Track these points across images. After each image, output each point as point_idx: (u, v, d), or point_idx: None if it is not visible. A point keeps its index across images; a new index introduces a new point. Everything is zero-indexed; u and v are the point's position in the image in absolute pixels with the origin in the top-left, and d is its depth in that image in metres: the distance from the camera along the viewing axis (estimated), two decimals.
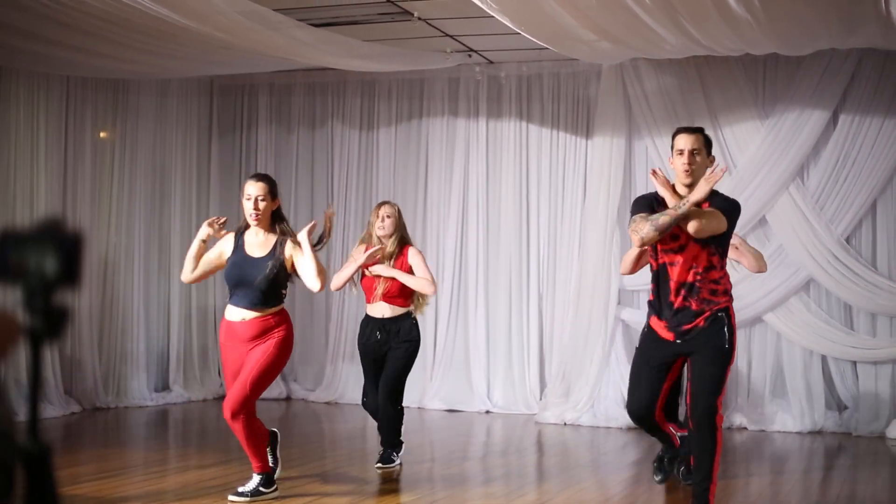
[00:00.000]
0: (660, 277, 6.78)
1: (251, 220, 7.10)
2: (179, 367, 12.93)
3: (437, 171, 12.91)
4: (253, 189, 7.09)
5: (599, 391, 11.49)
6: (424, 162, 12.98)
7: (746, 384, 11.44)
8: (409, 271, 8.36)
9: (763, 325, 11.40)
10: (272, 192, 7.16)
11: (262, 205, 7.07)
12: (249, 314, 7.04)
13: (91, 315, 11.85)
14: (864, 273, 11.05)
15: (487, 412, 12.28)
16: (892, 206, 11.16)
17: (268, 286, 7.03)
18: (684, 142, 6.61)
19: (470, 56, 11.99)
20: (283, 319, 7.14)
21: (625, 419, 10.77)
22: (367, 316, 8.60)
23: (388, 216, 8.46)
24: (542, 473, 9.05)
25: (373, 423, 8.90)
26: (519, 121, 12.54)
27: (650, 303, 6.93)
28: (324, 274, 7.07)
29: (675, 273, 6.68)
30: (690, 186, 6.56)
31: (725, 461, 9.38)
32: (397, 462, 8.52)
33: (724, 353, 6.64)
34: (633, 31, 9.23)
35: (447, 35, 11.07)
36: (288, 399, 13.13)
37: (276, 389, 13.04)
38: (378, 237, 8.45)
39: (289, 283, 7.27)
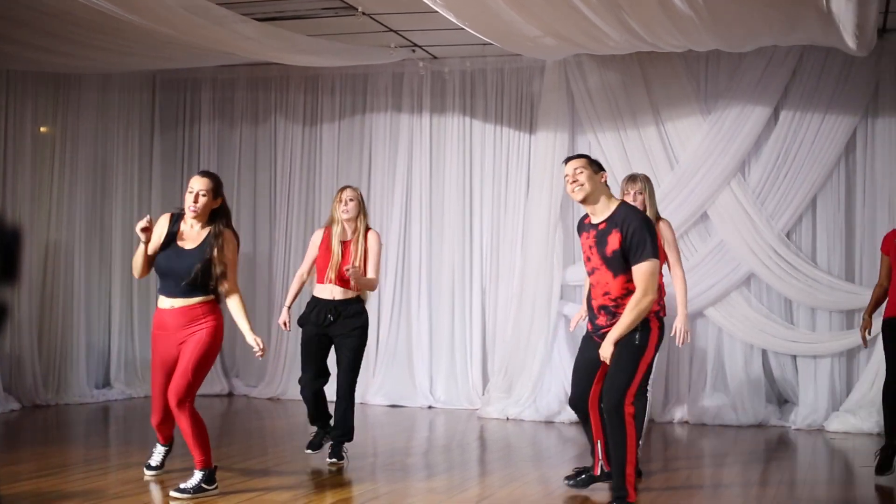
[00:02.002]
0: (588, 294, 7.26)
1: (189, 213, 7.15)
2: (121, 364, 12.84)
3: (380, 166, 12.89)
4: (196, 184, 7.15)
5: (542, 386, 11.51)
6: (368, 157, 12.96)
7: (687, 379, 11.51)
8: (366, 252, 8.41)
9: (704, 319, 11.49)
10: (215, 189, 7.19)
11: (202, 200, 7.12)
12: (178, 302, 7.13)
13: (31, 311, 11.73)
14: (803, 268, 11.16)
15: (430, 407, 12.28)
16: (831, 202, 11.28)
17: (192, 279, 7.06)
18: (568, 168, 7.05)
19: (414, 51, 11.98)
20: (212, 310, 7.17)
21: (567, 414, 10.86)
22: (314, 298, 8.55)
23: (351, 199, 8.48)
24: (485, 468, 9.06)
25: None
26: (462, 116, 12.55)
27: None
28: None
29: (594, 293, 7.06)
30: (584, 201, 6.93)
31: (667, 454, 9.46)
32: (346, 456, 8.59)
33: (632, 348, 6.84)
34: (576, 28, 9.26)
35: (391, 30, 11.05)
36: (230, 395, 13.06)
37: (217, 385, 12.99)
38: (342, 221, 8.47)
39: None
